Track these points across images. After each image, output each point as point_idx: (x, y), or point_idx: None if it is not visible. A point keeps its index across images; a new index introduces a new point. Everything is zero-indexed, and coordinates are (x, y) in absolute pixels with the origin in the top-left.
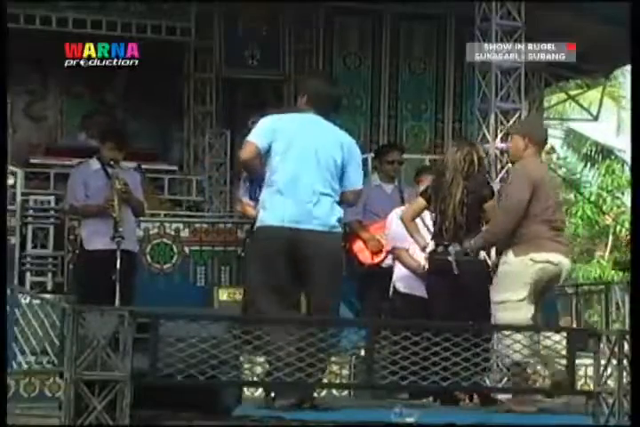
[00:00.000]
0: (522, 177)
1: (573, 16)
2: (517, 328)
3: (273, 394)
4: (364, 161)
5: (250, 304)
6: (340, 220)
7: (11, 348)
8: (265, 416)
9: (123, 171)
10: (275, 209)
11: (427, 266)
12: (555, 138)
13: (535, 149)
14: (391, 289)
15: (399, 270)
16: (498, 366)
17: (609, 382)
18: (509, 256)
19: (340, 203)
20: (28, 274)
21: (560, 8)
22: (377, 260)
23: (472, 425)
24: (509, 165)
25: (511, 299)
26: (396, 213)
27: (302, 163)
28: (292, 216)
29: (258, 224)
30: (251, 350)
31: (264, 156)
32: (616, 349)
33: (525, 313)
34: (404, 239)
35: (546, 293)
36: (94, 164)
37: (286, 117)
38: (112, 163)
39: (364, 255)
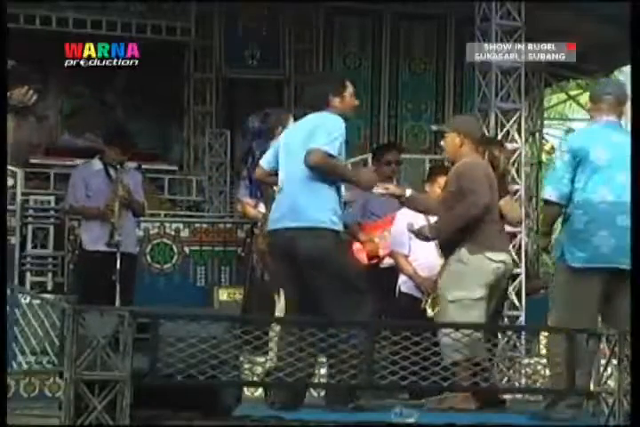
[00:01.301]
0: (482, 179)
1: (573, 16)
2: (524, 329)
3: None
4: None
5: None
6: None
7: (11, 348)
8: (265, 416)
9: (125, 171)
10: (272, 211)
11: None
12: (555, 138)
13: (472, 146)
14: (397, 289)
15: None
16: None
17: (609, 382)
18: (463, 254)
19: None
20: (28, 274)
21: (560, 8)
22: (374, 261)
23: (472, 425)
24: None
25: (467, 297)
26: (402, 214)
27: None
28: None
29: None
30: (251, 350)
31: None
32: (616, 349)
33: (480, 313)
34: (404, 244)
35: (498, 293)
36: (96, 164)
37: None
38: (118, 167)
39: (362, 257)
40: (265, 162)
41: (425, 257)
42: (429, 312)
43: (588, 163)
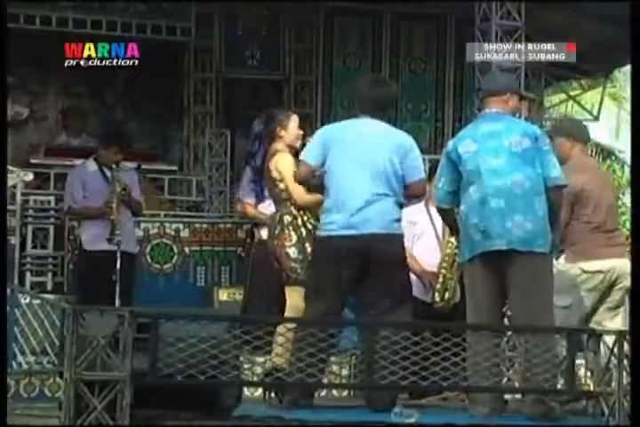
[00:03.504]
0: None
1: (573, 16)
2: (515, 329)
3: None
4: None
5: None
6: (398, 220)
7: (11, 348)
8: (265, 416)
9: (121, 171)
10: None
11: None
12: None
13: (582, 148)
14: None
15: None
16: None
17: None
18: (561, 260)
19: (409, 197)
20: (28, 274)
21: (560, 8)
22: None
23: (472, 425)
24: None
25: (557, 304)
26: (404, 213)
27: (354, 168)
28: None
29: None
30: (251, 350)
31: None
32: (616, 349)
33: (563, 320)
34: (407, 240)
35: (611, 298)
36: (91, 165)
37: (338, 125)
38: (114, 166)
39: None
40: (312, 161)
41: (425, 255)
42: (438, 301)
43: (460, 159)
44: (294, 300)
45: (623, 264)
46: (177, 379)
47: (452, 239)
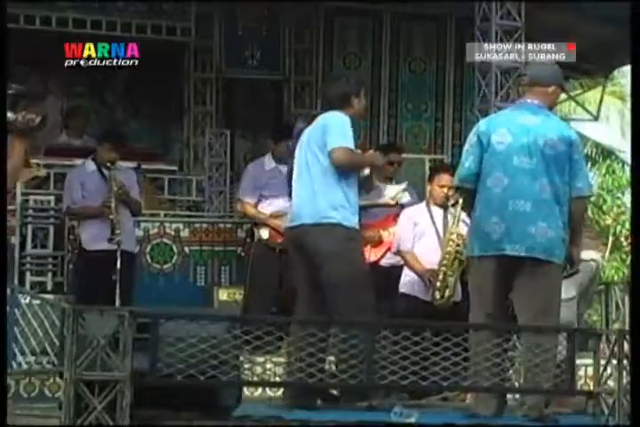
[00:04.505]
0: None
1: (573, 16)
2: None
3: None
4: None
5: None
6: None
7: (10, 348)
8: (265, 416)
9: (119, 171)
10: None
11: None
12: None
13: None
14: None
15: (406, 272)
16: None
17: (609, 382)
18: None
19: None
20: (27, 274)
21: (560, 8)
22: (374, 258)
23: (472, 425)
24: None
25: (562, 297)
26: (404, 213)
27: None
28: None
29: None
30: (250, 350)
31: None
32: (616, 349)
33: (571, 313)
34: (410, 242)
35: (589, 294)
36: (90, 165)
37: None
38: (109, 165)
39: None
40: (351, 144)
41: (427, 254)
42: (438, 298)
43: (490, 147)
44: None
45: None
46: (177, 379)
47: (453, 237)
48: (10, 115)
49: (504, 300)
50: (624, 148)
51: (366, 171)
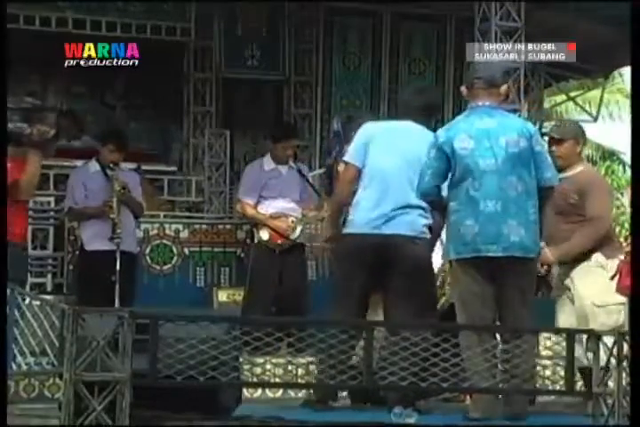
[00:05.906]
0: (608, 192)
1: (573, 16)
2: (514, 330)
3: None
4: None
5: None
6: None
7: (10, 349)
8: (265, 417)
9: (122, 172)
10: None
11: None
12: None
13: (580, 152)
14: None
15: None
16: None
17: (608, 382)
18: (602, 260)
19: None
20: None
21: (560, 8)
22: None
23: (472, 426)
24: None
25: (614, 302)
26: None
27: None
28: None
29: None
30: (250, 351)
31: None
32: (616, 349)
33: (622, 317)
34: None
35: None
36: (93, 166)
37: (381, 125)
38: (112, 165)
39: None
40: (358, 162)
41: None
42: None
43: (455, 153)
44: None
45: None
46: (176, 380)
47: None
48: (25, 128)
49: (487, 301)
50: (622, 149)
51: None
